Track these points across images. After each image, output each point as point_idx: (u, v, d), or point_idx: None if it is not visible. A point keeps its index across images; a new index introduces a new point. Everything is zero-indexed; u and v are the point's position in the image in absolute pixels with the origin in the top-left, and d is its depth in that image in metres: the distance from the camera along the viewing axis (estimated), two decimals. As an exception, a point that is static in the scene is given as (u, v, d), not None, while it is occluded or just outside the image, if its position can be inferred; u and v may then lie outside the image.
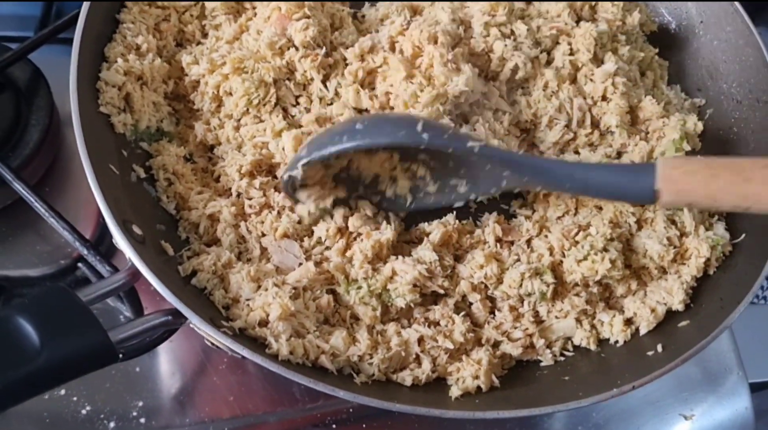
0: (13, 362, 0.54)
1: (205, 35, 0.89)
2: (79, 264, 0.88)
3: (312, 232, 0.79)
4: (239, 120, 0.83)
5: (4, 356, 0.54)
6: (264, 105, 0.82)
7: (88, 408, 0.84)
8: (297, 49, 0.84)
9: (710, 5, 0.96)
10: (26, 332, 0.55)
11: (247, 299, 0.72)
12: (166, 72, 0.85)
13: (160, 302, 0.67)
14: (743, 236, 0.82)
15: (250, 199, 0.79)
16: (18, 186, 0.81)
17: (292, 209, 0.79)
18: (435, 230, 0.80)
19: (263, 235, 0.78)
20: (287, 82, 0.84)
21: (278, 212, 0.79)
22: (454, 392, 0.72)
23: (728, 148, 0.92)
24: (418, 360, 0.74)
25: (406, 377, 0.73)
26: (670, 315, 0.80)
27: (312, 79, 0.85)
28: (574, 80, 0.91)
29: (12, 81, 0.91)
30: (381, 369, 0.71)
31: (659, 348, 0.75)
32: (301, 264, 0.76)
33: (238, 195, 0.80)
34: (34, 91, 0.92)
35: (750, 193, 0.64)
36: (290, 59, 0.83)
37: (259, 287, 0.73)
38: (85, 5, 0.79)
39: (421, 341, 0.74)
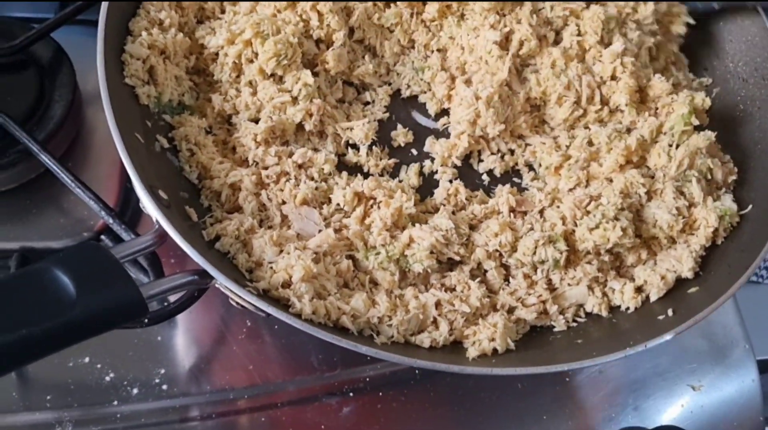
0: (50, 312, 0.56)
1: (223, 12, 0.91)
2: (102, 236, 0.90)
3: (330, 199, 0.81)
4: (257, 86, 0.85)
5: (43, 306, 0.56)
6: (290, 65, 0.84)
7: (111, 375, 0.86)
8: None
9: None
10: (63, 284, 0.57)
11: (270, 262, 0.74)
12: (188, 47, 0.87)
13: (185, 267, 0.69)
14: (750, 206, 0.84)
15: (266, 168, 0.81)
16: (44, 157, 0.83)
17: (310, 177, 0.81)
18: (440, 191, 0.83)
19: (283, 202, 0.80)
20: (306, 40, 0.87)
21: (296, 179, 0.81)
22: (471, 353, 0.74)
23: (735, 126, 0.94)
24: (435, 323, 0.76)
25: (424, 340, 0.75)
26: (680, 283, 0.82)
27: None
28: (582, 60, 0.93)
29: (36, 59, 0.93)
30: (400, 331, 0.73)
31: (670, 312, 0.77)
32: (321, 231, 0.78)
33: (256, 164, 0.82)
34: (57, 69, 0.94)
35: None
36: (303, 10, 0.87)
37: (281, 251, 0.75)
38: (111, -18, 0.81)
39: (438, 305, 0.76)
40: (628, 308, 0.81)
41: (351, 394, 0.88)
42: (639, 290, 0.82)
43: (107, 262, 0.61)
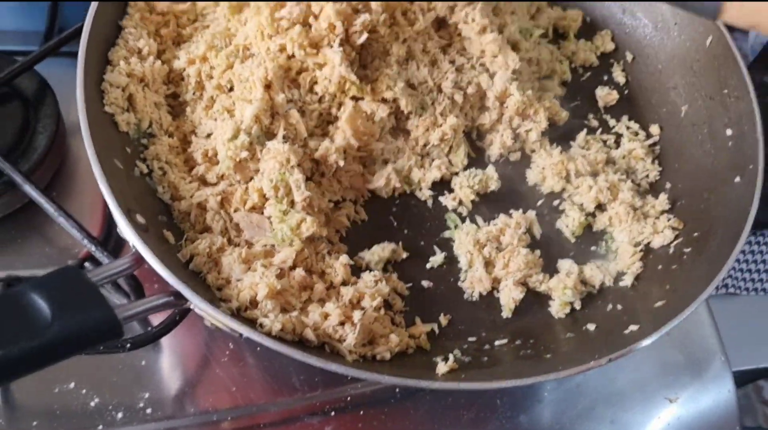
0: (26, 334, 0.58)
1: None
2: (86, 263, 0.92)
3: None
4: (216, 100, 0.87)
5: (19, 328, 0.58)
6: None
7: (96, 400, 0.87)
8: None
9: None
10: (39, 307, 0.59)
11: (237, 280, 0.76)
12: (166, 74, 0.90)
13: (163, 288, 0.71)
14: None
15: (215, 184, 0.84)
16: (29, 188, 0.85)
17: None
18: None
19: (236, 210, 0.82)
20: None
21: (246, 186, 0.82)
22: (441, 368, 0.76)
23: (704, 141, 0.96)
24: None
25: (384, 353, 0.76)
26: (647, 295, 0.84)
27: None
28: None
29: (19, 91, 0.96)
30: (356, 344, 0.75)
31: (634, 327, 0.79)
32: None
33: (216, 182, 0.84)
34: (40, 101, 0.97)
35: None
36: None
37: (249, 268, 0.77)
38: (91, 12, 0.84)
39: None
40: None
41: (332, 413, 0.89)
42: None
43: (83, 285, 0.62)
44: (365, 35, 0.81)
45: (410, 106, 0.87)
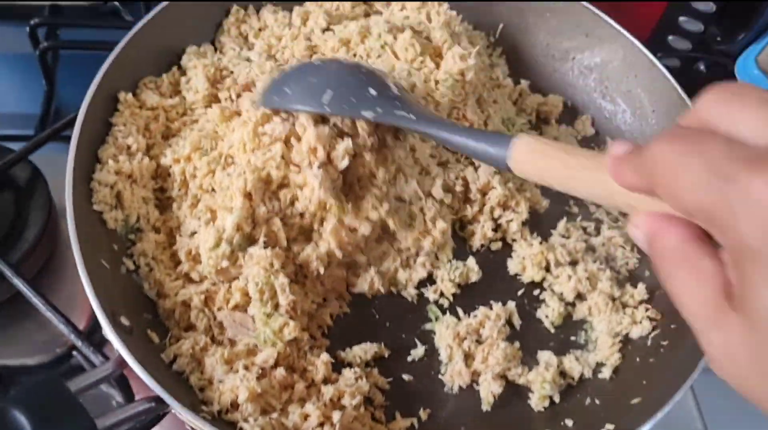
0: (7, 452, 0.59)
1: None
2: (74, 352, 0.93)
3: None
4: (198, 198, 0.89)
5: (0, 447, 0.59)
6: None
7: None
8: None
9: (660, 95, 1.04)
10: (20, 424, 0.61)
11: (219, 381, 0.77)
12: (154, 169, 0.92)
13: (149, 388, 0.72)
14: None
15: (199, 283, 0.85)
16: (17, 281, 0.87)
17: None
18: None
19: (219, 308, 0.83)
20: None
21: (230, 286, 0.84)
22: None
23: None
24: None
25: None
26: (625, 391, 0.85)
27: None
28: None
29: (12, 180, 0.98)
30: None
31: (610, 426, 0.80)
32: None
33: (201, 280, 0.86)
34: (32, 189, 0.99)
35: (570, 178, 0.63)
36: None
37: (232, 368, 0.78)
38: (81, 112, 0.86)
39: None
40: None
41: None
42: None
43: (64, 397, 0.64)
44: (347, 160, 0.83)
45: (398, 224, 0.89)
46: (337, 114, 0.82)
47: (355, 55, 1.00)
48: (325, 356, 0.82)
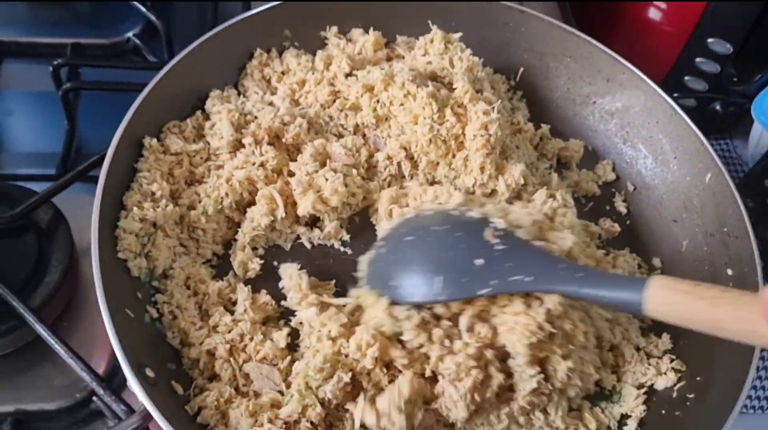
0: None
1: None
2: (94, 397, 0.93)
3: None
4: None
5: None
6: None
7: None
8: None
9: (682, 141, 1.04)
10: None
11: (244, 436, 0.77)
12: (179, 215, 0.92)
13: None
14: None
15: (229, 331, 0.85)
16: (38, 327, 0.87)
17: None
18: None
19: (245, 361, 0.83)
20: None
21: (263, 336, 0.84)
22: None
23: (704, 279, 0.97)
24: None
25: None
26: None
27: None
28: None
29: (34, 223, 0.98)
30: None
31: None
32: (281, 391, 0.81)
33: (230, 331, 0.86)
34: (54, 231, 0.98)
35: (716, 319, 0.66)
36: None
37: (256, 421, 0.77)
38: (107, 160, 0.87)
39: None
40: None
41: None
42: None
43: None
44: None
45: None
46: (452, 300, 0.81)
47: (378, 101, 1.00)
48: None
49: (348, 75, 1.05)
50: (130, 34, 1.29)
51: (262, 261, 0.93)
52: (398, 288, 0.83)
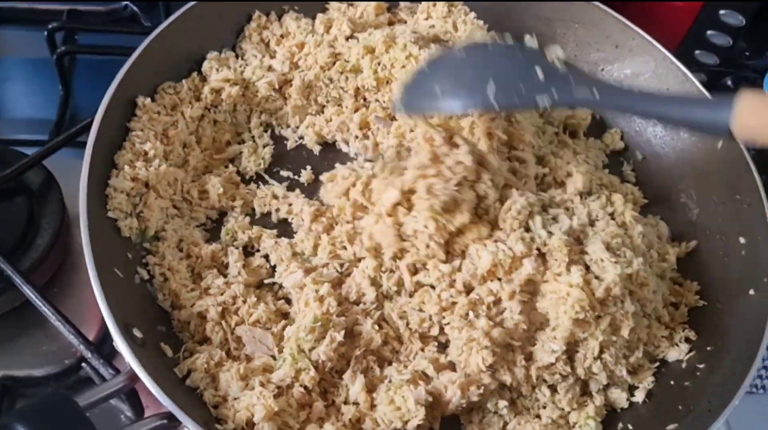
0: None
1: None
2: (83, 364, 0.90)
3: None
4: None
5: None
6: None
7: None
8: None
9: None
10: (25, 441, 0.57)
11: (235, 398, 0.74)
12: (173, 176, 0.89)
13: (161, 403, 0.69)
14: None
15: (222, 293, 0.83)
16: (26, 289, 0.84)
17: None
18: None
19: (238, 324, 0.80)
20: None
21: (257, 299, 0.82)
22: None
23: (716, 247, 0.95)
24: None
25: None
26: (660, 420, 0.81)
27: None
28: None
29: (25, 185, 0.95)
30: None
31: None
32: (273, 356, 0.78)
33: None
34: (46, 195, 0.96)
35: None
36: None
37: (247, 385, 0.75)
38: (99, 115, 0.84)
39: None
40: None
41: None
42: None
43: (72, 414, 0.61)
44: None
45: None
46: (507, 108, 0.77)
47: (379, 63, 0.97)
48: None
49: (348, 38, 1.02)
50: (127, 1, 1.26)
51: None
52: (445, 99, 0.77)
